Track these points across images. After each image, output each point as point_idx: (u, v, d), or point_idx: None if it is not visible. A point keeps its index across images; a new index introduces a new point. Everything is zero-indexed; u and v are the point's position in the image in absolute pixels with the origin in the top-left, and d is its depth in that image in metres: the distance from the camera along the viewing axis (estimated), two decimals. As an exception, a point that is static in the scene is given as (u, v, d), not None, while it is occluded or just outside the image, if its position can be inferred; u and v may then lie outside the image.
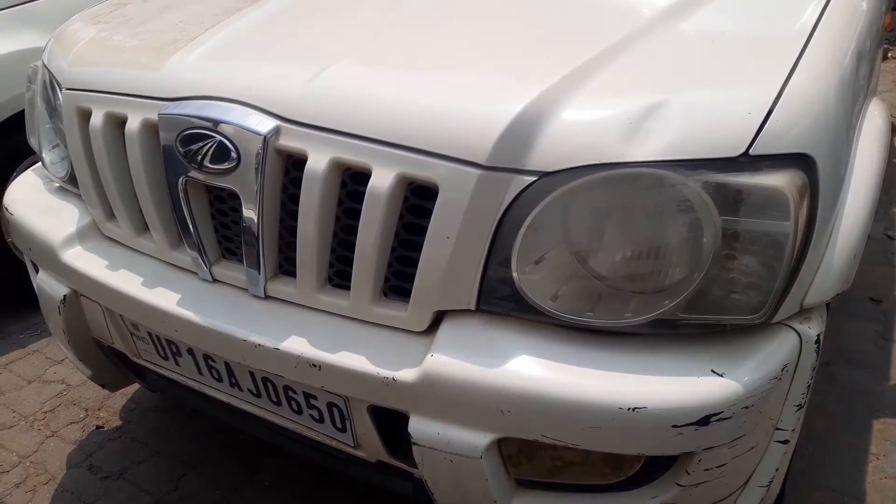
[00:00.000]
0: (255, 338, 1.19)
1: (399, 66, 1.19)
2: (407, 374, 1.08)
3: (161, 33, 1.43)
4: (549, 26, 1.28)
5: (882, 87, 4.41)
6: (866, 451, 1.88)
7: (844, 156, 1.14)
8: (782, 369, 1.05)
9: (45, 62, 1.59)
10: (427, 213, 1.07)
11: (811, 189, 1.01)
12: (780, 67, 1.08)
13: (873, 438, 1.92)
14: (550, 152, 1.02)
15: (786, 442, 1.13)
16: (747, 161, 0.98)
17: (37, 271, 1.58)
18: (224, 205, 1.28)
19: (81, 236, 1.47)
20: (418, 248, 1.09)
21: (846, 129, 1.15)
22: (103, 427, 2.11)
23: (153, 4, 1.65)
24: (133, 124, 1.29)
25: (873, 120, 1.36)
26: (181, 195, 1.25)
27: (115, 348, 1.54)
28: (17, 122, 2.30)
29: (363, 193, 1.09)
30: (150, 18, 1.54)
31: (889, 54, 5.04)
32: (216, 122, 1.17)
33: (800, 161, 1.00)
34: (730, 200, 0.98)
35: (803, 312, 1.09)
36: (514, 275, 1.06)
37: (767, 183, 0.98)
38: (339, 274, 1.19)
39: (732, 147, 0.98)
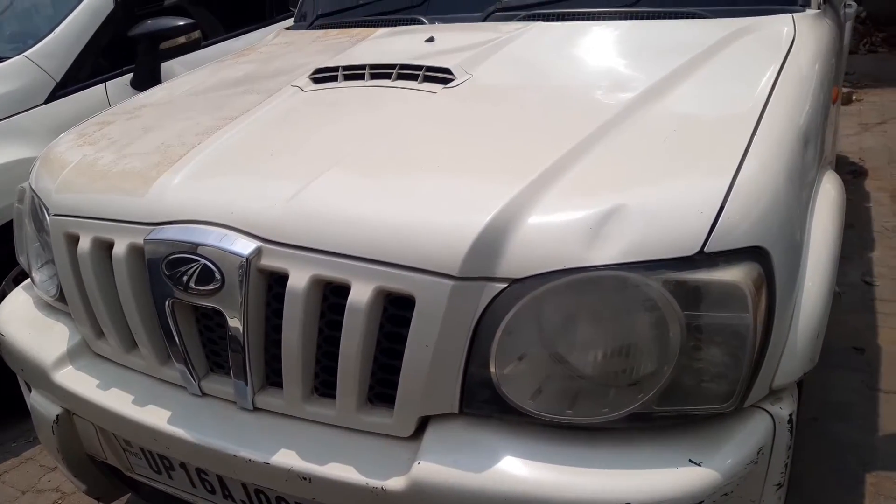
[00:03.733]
0: (245, 453, 1.21)
1: (373, 180, 1.25)
2: (396, 484, 1.11)
3: (145, 156, 1.49)
4: (517, 127, 1.36)
5: (849, 131, 4.55)
6: (861, 508, 1.90)
7: (798, 240, 1.20)
8: (758, 452, 1.08)
9: (33, 185, 1.65)
10: (406, 322, 1.12)
11: (767, 279, 1.07)
12: (729, 161, 1.15)
13: (867, 493, 1.94)
14: (518, 259, 1.07)
15: (770, 521, 1.16)
16: (703, 258, 1.04)
17: (30, 390, 1.60)
18: (210, 321, 1.32)
19: (72, 355, 1.51)
20: (400, 355, 1.13)
21: (798, 213, 1.22)
22: (100, 535, 2.09)
23: (137, 123, 1.72)
24: (120, 249, 1.34)
25: (827, 194, 1.43)
26: (168, 315, 1.30)
27: (108, 463, 1.56)
28: (4, 233, 2.35)
29: (344, 305, 1.14)
30: (134, 139, 1.60)
31: (854, 97, 5.22)
32: (199, 246, 1.22)
33: (754, 254, 1.06)
34: (690, 297, 1.04)
35: (774, 394, 1.13)
36: (494, 377, 1.10)
37: (724, 278, 1.03)
38: (324, 384, 1.23)
39: (688, 246, 1.04)
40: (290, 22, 2.60)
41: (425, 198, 1.17)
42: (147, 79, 2.81)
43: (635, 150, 1.23)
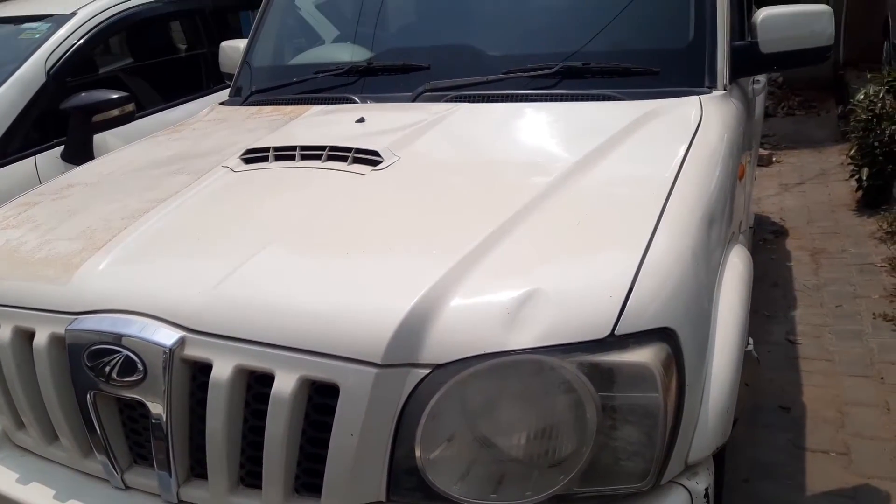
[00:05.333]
0: (169, 548, 1.18)
1: (299, 265, 1.27)
2: (322, 577, 1.10)
3: (69, 242, 1.48)
4: (440, 210, 1.40)
5: (770, 191, 4.79)
6: (792, 568, 1.94)
7: (706, 318, 1.26)
8: (677, 528, 1.12)
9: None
10: (332, 411, 1.12)
11: (676, 359, 1.12)
12: (637, 243, 1.21)
13: (797, 552, 1.99)
14: (440, 345, 1.10)
15: None
16: (614, 341, 1.08)
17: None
18: (134, 411, 1.30)
19: (-10, 448, 1.45)
20: (326, 444, 1.13)
21: (706, 291, 1.29)
22: None
23: (63, 205, 1.71)
24: (41, 339, 1.32)
25: (734, 269, 1.51)
26: (90, 407, 1.27)
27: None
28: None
29: (269, 394, 1.14)
30: (59, 223, 1.59)
31: (774, 158, 5.51)
32: (122, 337, 1.21)
33: (662, 334, 1.12)
34: (604, 378, 1.08)
35: (690, 469, 1.18)
36: (419, 463, 1.11)
37: (634, 360, 1.08)
38: (251, 474, 1.22)
39: (600, 329, 1.08)
40: (225, 94, 2.63)
41: (349, 283, 1.20)
42: (78, 151, 2.78)
43: (551, 233, 1.28)
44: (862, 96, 4.39)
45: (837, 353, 2.87)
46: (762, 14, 2.01)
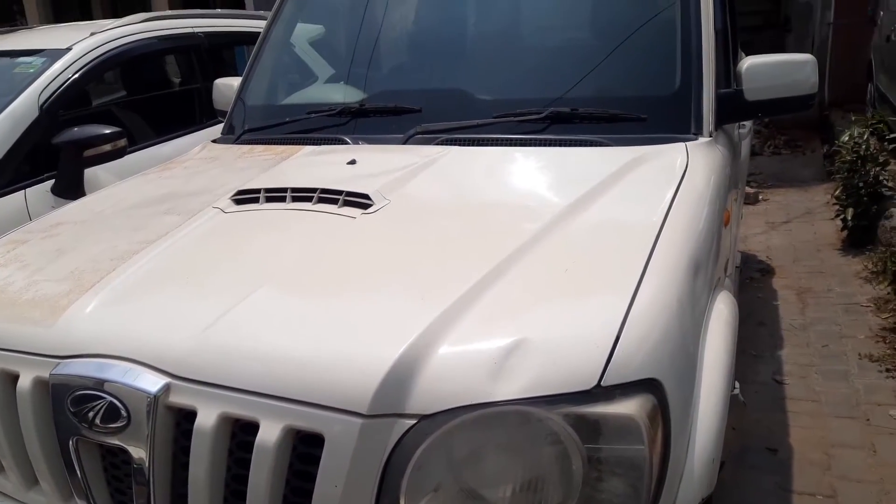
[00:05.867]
0: None
1: (286, 311, 1.27)
2: None
3: (56, 283, 1.48)
4: (430, 256, 1.41)
5: (757, 229, 4.84)
6: None
7: (692, 368, 1.27)
8: (663, 580, 1.11)
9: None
10: (316, 460, 1.12)
11: (662, 410, 1.13)
12: (623, 292, 1.22)
13: None
14: (427, 396, 1.10)
15: None
16: (601, 392, 1.09)
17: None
18: (116, 457, 1.29)
19: (-32, 493, 1.43)
20: (310, 494, 1.12)
21: (691, 340, 1.30)
22: None
23: (50, 245, 1.70)
24: (24, 382, 1.31)
25: (720, 314, 1.52)
26: (72, 452, 1.26)
27: None
28: None
29: (253, 443, 1.13)
30: (47, 263, 1.59)
31: (760, 197, 5.58)
32: (106, 382, 1.21)
33: (648, 385, 1.12)
34: (590, 430, 1.08)
35: (675, 520, 1.17)
36: (404, 514, 1.11)
37: (620, 411, 1.08)
38: (234, 523, 1.20)
39: (586, 380, 1.09)
40: (218, 129, 2.64)
41: (337, 330, 1.20)
42: (70, 186, 2.79)
43: (539, 280, 1.29)
44: (847, 138, 4.47)
45: (824, 393, 2.88)
46: (747, 62, 2.06)
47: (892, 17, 5.41)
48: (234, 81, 2.68)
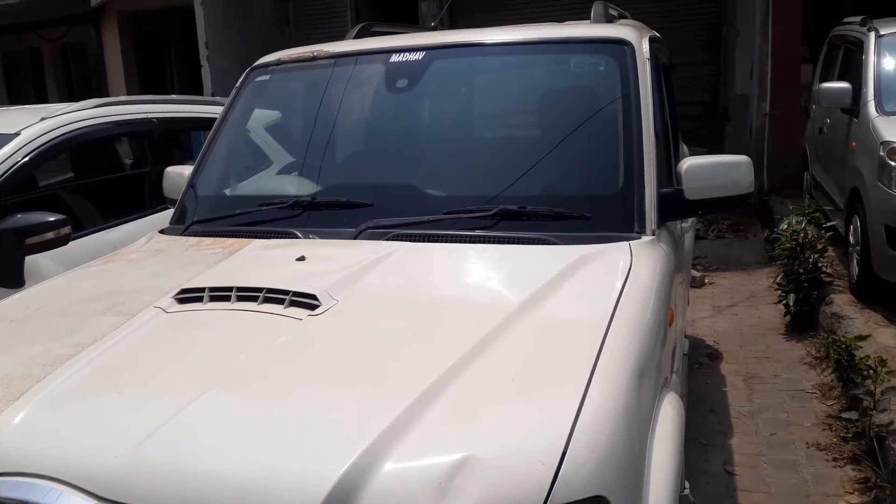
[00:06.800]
0: None
1: (225, 423, 1.23)
2: None
3: (-17, 390, 1.40)
4: (376, 362, 1.39)
5: (703, 313, 4.94)
6: None
7: (639, 477, 1.26)
8: None
9: None
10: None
11: (609, 527, 1.11)
12: (569, 405, 1.22)
13: None
14: (369, 517, 1.07)
15: None
16: (548, 511, 1.07)
17: None
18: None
19: None
20: None
21: (639, 449, 1.29)
22: None
23: (-19, 345, 1.63)
24: (-60, 502, 1.22)
25: (667, 417, 1.52)
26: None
27: None
28: None
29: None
30: (-25, 367, 1.51)
31: (706, 280, 5.72)
32: (29, 505, 1.14)
33: (595, 502, 1.11)
34: (538, 551, 1.05)
35: None
36: None
37: (567, 531, 1.06)
38: None
39: (532, 500, 1.07)
40: (168, 215, 2.60)
41: (276, 445, 1.16)
42: (9, 275, 2.70)
43: (486, 391, 1.28)
44: (785, 226, 4.65)
45: (774, 484, 2.89)
46: (686, 164, 2.14)
47: (823, 112, 5.75)
48: (186, 170, 2.67)
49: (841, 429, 3.19)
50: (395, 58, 2.44)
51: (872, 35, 4.97)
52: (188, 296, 1.69)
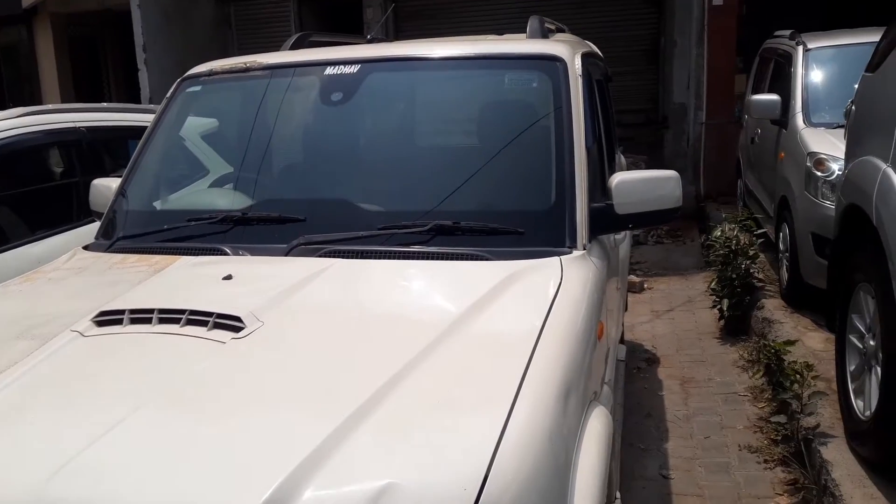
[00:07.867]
0: None
1: (136, 454, 1.19)
2: None
3: None
4: (299, 387, 1.37)
5: (642, 318, 5.04)
6: None
7: (564, 497, 1.27)
8: None
9: None
10: None
11: (530, 552, 1.11)
12: (493, 426, 1.22)
13: None
14: (287, 550, 1.05)
15: None
16: (468, 539, 1.07)
17: None
18: None
19: None
20: None
21: (564, 469, 1.30)
22: None
23: None
24: None
25: (593, 433, 1.53)
26: None
27: None
28: None
29: None
30: None
31: (645, 285, 5.84)
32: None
33: (517, 528, 1.11)
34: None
35: None
36: None
37: (487, 559, 1.06)
38: None
39: (453, 527, 1.07)
40: (94, 228, 2.51)
41: (193, 474, 1.14)
42: (-78, 293, 2.56)
43: (411, 415, 1.27)
44: (719, 233, 4.79)
45: (707, 487, 2.96)
46: (616, 179, 2.18)
47: (755, 122, 5.94)
48: (113, 182, 2.59)
49: (771, 431, 3.29)
50: (329, 70, 2.42)
51: (801, 49, 5.16)
52: (107, 318, 1.64)
